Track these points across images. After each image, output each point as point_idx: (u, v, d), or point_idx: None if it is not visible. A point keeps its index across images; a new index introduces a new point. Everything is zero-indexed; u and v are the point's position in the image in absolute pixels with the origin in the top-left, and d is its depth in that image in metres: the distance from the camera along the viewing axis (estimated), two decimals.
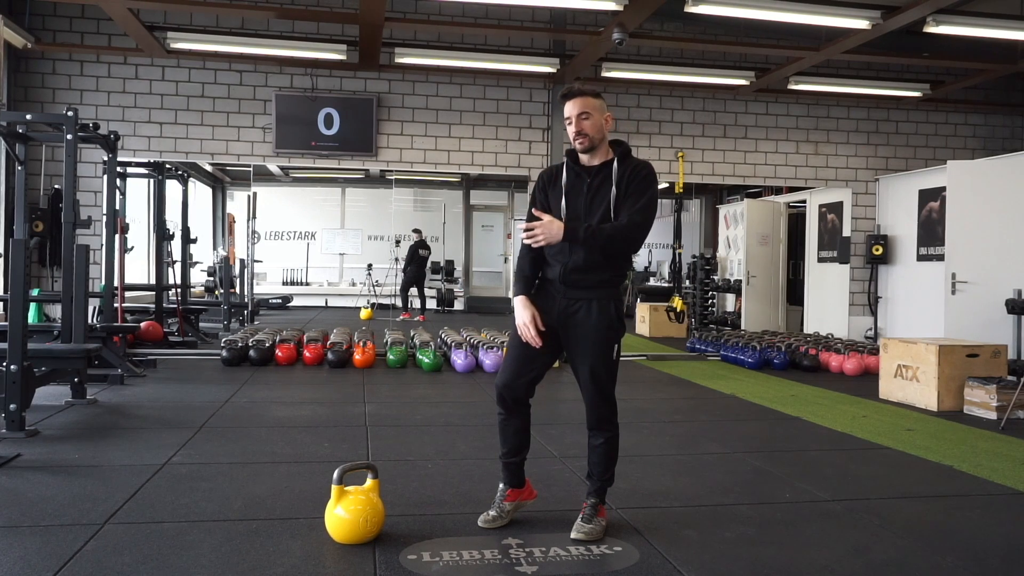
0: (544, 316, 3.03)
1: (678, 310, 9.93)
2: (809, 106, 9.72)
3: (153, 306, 8.63)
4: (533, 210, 3.07)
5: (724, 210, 12.30)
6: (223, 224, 11.45)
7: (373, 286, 11.64)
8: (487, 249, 12.26)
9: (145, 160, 8.76)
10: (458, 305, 12.36)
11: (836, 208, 10.16)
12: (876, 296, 9.68)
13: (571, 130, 3.01)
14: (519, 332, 3.04)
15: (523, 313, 3.02)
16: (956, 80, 9.28)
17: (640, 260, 14.82)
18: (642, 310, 12.08)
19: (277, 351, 7.69)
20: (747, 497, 3.65)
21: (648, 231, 2.99)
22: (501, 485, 3.18)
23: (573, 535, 2.99)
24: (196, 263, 10.81)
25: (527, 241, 2.95)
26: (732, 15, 7.19)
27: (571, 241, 2.90)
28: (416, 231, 11.49)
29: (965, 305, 7.66)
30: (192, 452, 4.25)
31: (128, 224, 8.32)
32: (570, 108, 2.99)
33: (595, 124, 2.99)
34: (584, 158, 3.08)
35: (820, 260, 10.54)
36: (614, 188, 2.97)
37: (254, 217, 10.15)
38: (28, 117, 6.36)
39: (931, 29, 7.08)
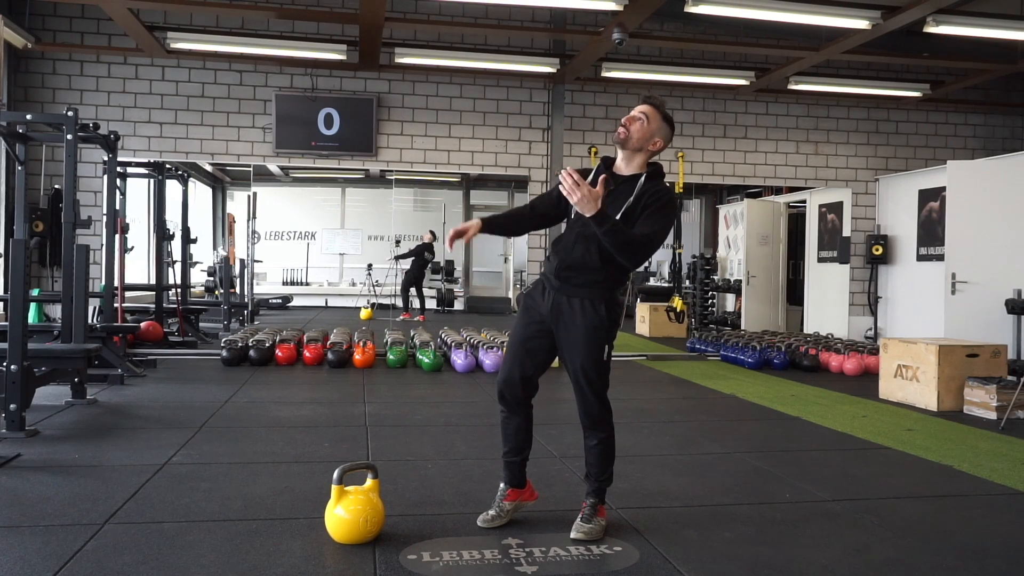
0: (539, 309, 3.07)
1: (678, 310, 9.93)
2: (809, 106, 9.72)
3: (153, 306, 8.63)
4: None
5: (724, 210, 12.30)
6: (223, 224, 11.45)
7: (373, 286, 11.64)
8: (487, 249, 12.25)
9: (145, 160, 8.75)
10: (458, 305, 12.36)
11: (836, 208, 10.16)
12: (876, 296, 9.68)
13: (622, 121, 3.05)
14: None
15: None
16: (956, 80, 9.28)
17: None
18: (642, 310, 12.08)
19: (277, 351, 7.69)
20: (747, 497, 3.65)
21: (653, 252, 2.99)
22: (502, 484, 3.18)
23: (573, 535, 2.99)
24: (196, 263, 10.81)
25: (562, 188, 2.80)
26: (732, 15, 7.19)
27: (597, 221, 2.77)
28: (432, 233, 11.49)
29: (965, 305, 7.66)
30: (192, 452, 4.25)
31: (128, 224, 8.31)
32: (638, 107, 3.08)
33: (643, 131, 3.01)
34: (619, 162, 3.09)
35: (820, 260, 10.54)
36: (631, 199, 2.97)
37: (254, 217, 10.15)
38: (28, 117, 6.36)
39: (931, 29, 7.08)
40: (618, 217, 2.93)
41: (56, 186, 8.04)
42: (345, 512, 2.88)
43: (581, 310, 2.97)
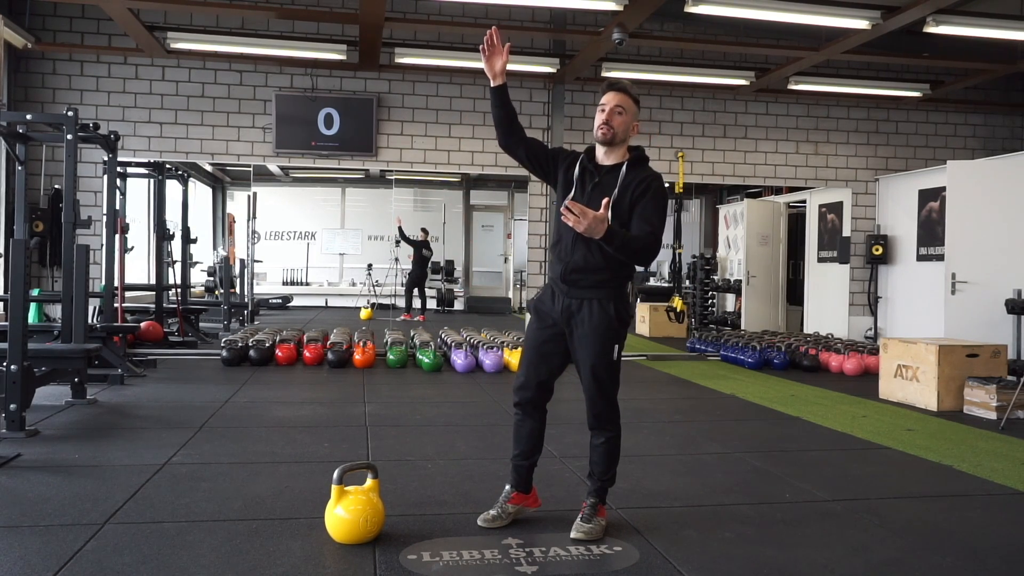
0: (551, 313, 3.07)
1: (678, 310, 9.93)
2: (809, 106, 9.72)
3: (153, 306, 8.63)
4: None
5: (724, 210, 12.30)
6: (223, 224, 11.45)
7: (373, 286, 11.64)
8: (487, 249, 12.26)
9: (145, 160, 8.75)
10: (458, 305, 12.37)
11: (836, 208, 10.16)
12: (876, 296, 9.68)
13: (599, 118, 3.03)
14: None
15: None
16: (956, 80, 9.28)
17: None
18: (642, 310, 12.08)
19: (277, 351, 7.69)
20: (747, 497, 3.65)
21: (660, 244, 3.00)
22: (507, 487, 3.18)
23: (573, 534, 2.99)
24: (196, 263, 10.81)
25: (566, 220, 2.77)
26: (732, 15, 7.19)
27: (607, 241, 2.80)
28: (423, 230, 11.50)
29: (965, 305, 7.66)
30: (192, 452, 4.25)
31: (128, 224, 8.31)
32: (609, 98, 3.04)
33: (624, 123, 3.04)
34: (600, 155, 3.10)
35: (820, 260, 10.53)
36: (616, 191, 2.97)
37: (254, 217, 10.15)
38: (28, 117, 6.36)
39: (931, 29, 7.08)
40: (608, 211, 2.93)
41: (56, 186, 8.04)
42: (345, 512, 2.88)
43: (590, 311, 2.99)
